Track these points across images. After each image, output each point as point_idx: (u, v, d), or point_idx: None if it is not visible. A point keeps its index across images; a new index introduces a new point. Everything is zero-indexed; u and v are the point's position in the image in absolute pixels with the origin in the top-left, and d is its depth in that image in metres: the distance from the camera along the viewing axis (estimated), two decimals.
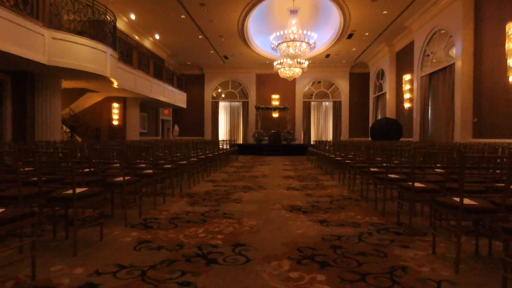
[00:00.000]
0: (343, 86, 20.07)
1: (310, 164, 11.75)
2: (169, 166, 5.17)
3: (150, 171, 4.36)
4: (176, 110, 19.81)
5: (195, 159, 6.81)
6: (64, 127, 11.59)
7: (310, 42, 12.28)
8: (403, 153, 4.68)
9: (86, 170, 4.12)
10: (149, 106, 15.85)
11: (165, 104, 15.74)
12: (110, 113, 12.72)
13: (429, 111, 12.09)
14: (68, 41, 7.40)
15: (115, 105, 12.70)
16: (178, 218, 3.83)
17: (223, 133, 21.16)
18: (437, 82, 11.45)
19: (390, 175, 4.07)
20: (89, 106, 12.53)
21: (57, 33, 7.24)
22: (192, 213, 4.09)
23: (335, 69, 19.81)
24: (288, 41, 11.92)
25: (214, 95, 21.02)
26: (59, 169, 4.16)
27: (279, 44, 12.24)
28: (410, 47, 13.67)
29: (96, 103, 12.55)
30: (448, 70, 10.50)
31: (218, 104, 20.86)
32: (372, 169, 4.80)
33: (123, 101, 12.82)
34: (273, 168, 10.10)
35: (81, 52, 7.72)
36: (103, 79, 9.08)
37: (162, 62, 16.37)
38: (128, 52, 11.09)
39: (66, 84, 10.04)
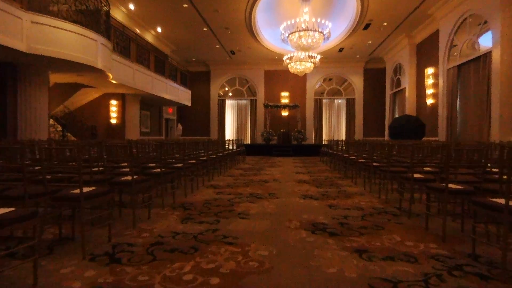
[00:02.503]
0: (357, 82, 18.88)
1: (324, 165, 10.65)
2: (159, 170, 4.16)
3: (129, 177, 3.36)
4: (180, 108, 18.91)
5: (194, 161, 5.80)
6: (58, 125, 10.76)
7: (324, 32, 11.18)
8: (463, 153, 3.58)
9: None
10: (152, 104, 14.96)
11: (168, 101, 14.83)
12: (108, 110, 11.84)
13: (458, 107, 10.87)
14: (51, 26, 6.49)
15: (113, 102, 11.81)
16: (161, 243, 2.82)
17: (230, 133, 20.18)
18: (468, 74, 10.23)
19: (451, 186, 2.98)
20: (86, 103, 11.67)
21: (37, 16, 6.33)
22: (182, 235, 3.07)
23: (349, 65, 18.63)
24: (299, 31, 10.84)
25: (221, 93, 20.06)
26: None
27: (289, 34, 11.17)
28: (433, 37, 12.45)
29: (93, 100, 11.69)
30: (482, 60, 9.28)
31: (225, 102, 19.88)
32: (416, 175, 3.71)
33: (122, 98, 11.93)
34: (284, 170, 9.05)
35: (67, 40, 6.80)
36: (96, 72, 8.18)
37: (165, 58, 15.46)
38: (126, 44, 10.17)
39: (57, 78, 9.18)
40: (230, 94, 20.14)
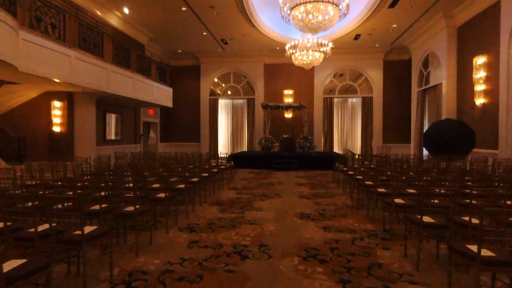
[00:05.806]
0: (376, 77, 15.63)
1: (341, 193, 7.48)
2: None
3: None
4: (165, 110, 15.81)
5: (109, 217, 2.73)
6: None
7: (341, 6, 8.04)
8: None
9: None
10: (122, 105, 11.94)
11: (142, 103, 11.80)
12: (49, 115, 8.84)
13: None
14: None
15: (56, 104, 8.80)
16: None
17: (223, 139, 17.08)
18: None
19: None
20: (18, 106, 8.67)
21: None
22: None
23: (365, 56, 15.40)
24: (306, 2, 7.69)
25: (218, 91, 16.99)
26: None
27: (292, 8, 8.03)
28: (487, 14, 9.22)
29: (28, 101, 8.70)
30: None
31: (218, 102, 16.78)
32: None
33: (68, 98, 8.91)
34: (283, 206, 5.92)
35: None
36: None
37: (141, 49, 12.46)
38: (56, 20, 7.09)
39: None
40: (229, 92, 17.01)
